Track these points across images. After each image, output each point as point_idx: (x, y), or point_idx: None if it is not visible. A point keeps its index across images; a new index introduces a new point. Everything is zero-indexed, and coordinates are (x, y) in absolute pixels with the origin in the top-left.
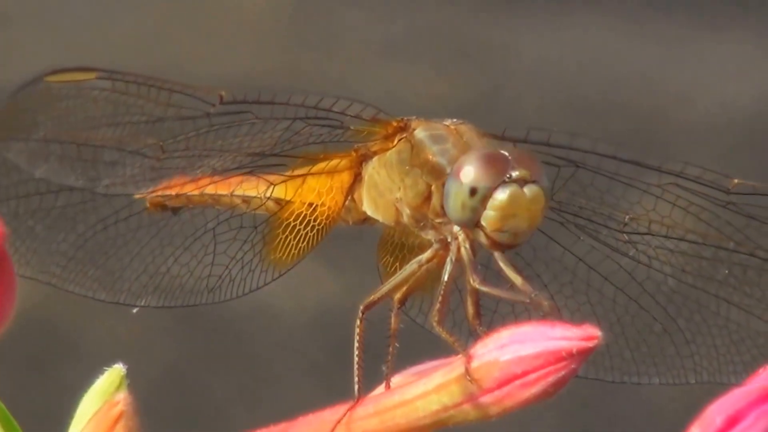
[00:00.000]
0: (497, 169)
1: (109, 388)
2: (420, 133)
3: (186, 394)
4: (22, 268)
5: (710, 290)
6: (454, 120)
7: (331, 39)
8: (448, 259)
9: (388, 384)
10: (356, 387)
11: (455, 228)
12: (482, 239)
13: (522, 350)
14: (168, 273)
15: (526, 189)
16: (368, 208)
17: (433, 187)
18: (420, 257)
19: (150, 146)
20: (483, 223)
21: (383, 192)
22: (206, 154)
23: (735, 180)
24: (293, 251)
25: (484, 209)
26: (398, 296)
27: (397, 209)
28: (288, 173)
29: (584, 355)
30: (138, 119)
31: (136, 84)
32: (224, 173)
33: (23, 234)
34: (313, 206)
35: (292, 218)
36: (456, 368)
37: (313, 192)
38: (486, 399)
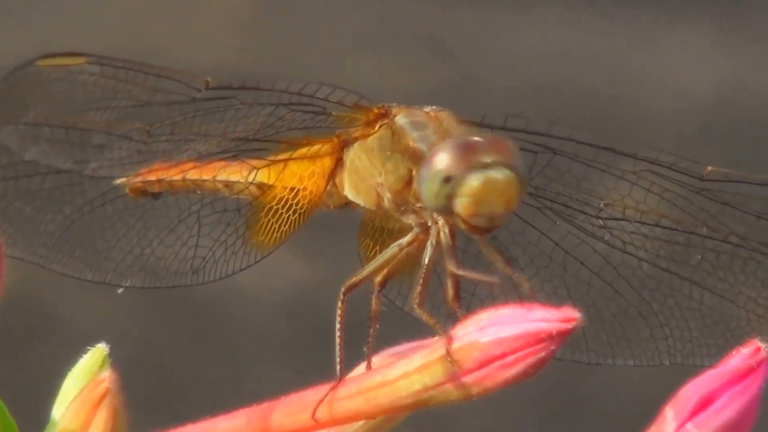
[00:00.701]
0: (470, 156)
1: (93, 367)
2: (400, 120)
3: (157, 374)
4: (10, 248)
5: (684, 275)
6: (434, 107)
7: (304, 29)
8: (428, 243)
9: (369, 365)
10: (338, 368)
11: (435, 212)
12: (460, 224)
13: (502, 332)
14: (153, 254)
15: (500, 173)
16: (349, 193)
17: (414, 172)
18: (400, 241)
19: (137, 130)
20: (458, 209)
21: (364, 177)
22: (192, 139)
23: (709, 167)
24: (275, 234)
25: (458, 195)
26: (379, 279)
27: (378, 194)
28: (271, 158)
29: (563, 337)
30: (125, 103)
31: (125, 69)
32: (208, 158)
33: (11, 215)
34: (296, 190)
35: (275, 202)
36: (437, 349)
37: (296, 177)
38: (466, 380)
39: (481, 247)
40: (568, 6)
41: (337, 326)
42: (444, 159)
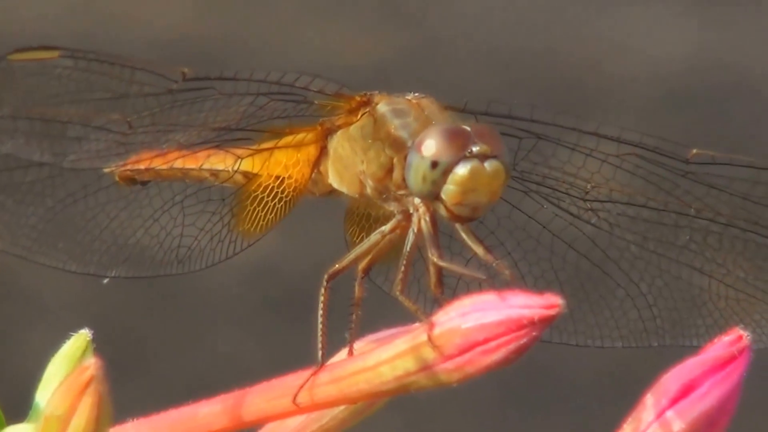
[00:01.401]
0: (458, 144)
1: (76, 353)
2: (382, 108)
3: (121, 346)
4: None
5: (671, 256)
6: (416, 94)
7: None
8: (410, 231)
9: (351, 351)
10: (320, 353)
11: (416, 200)
12: (442, 211)
13: (484, 318)
14: (138, 244)
15: (487, 164)
16: (334, 181)
17: (395, 160)
18: (383, 228)
19: (115, 121)
20: (443, 197)
21: (348, 165)
22: (172, 129)
23: (693, 150)
24: (261, 222)
25: (445, 183)
26: (362, 265)
27: (361, 181)
28: (255, 147)
29: (545, 323)
30: (102, 95)
31: (98, 62)
32: (192, 147)
33: None
34: (281, 179)
35: (260, 191)
36: (419, 335)
37: (280, 165)
38: (448, 365)
39: (462, 235)
40: None
41: (320, 312)
42: (432, 144)
